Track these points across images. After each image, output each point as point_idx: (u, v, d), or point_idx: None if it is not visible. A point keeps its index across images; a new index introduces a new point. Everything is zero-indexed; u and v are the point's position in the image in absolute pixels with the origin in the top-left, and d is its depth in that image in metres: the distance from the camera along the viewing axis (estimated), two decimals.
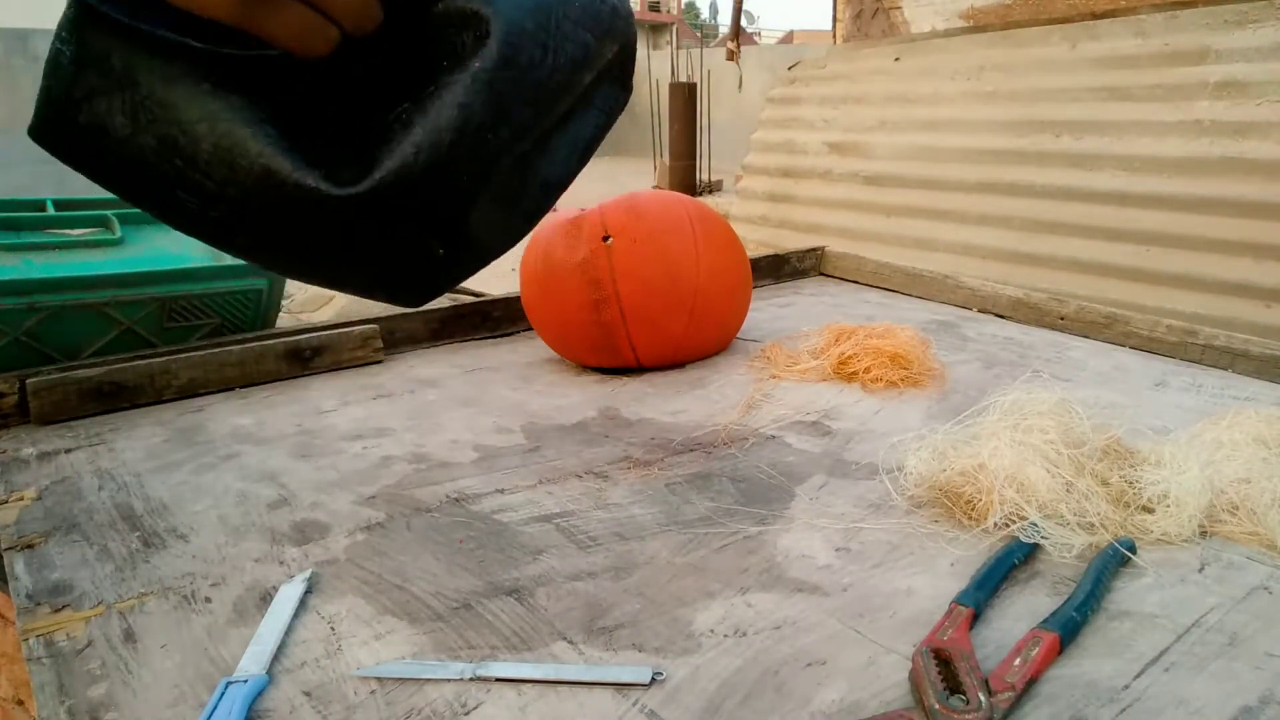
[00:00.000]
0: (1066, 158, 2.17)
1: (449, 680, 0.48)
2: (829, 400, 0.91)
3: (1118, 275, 2.03)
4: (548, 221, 0.99)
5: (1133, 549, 0.60)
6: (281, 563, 0.60)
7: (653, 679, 0.48)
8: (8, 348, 0.88)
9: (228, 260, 1.04)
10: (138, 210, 1.06)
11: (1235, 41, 1.96)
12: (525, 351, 1.08)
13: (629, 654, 0.50)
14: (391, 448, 0.79)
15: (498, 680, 0.48)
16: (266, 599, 0.55)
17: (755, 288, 1.40)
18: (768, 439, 0.81)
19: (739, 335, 1.10)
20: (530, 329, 1.16)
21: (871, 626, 0.53)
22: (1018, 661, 0.48)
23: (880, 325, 1.04)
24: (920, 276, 1.36)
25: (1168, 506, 0.63)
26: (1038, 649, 0.48)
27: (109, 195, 0.49)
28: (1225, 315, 1.80)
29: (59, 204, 1.08)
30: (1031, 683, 0.47)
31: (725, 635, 0.52)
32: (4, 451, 0.77)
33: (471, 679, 0.48)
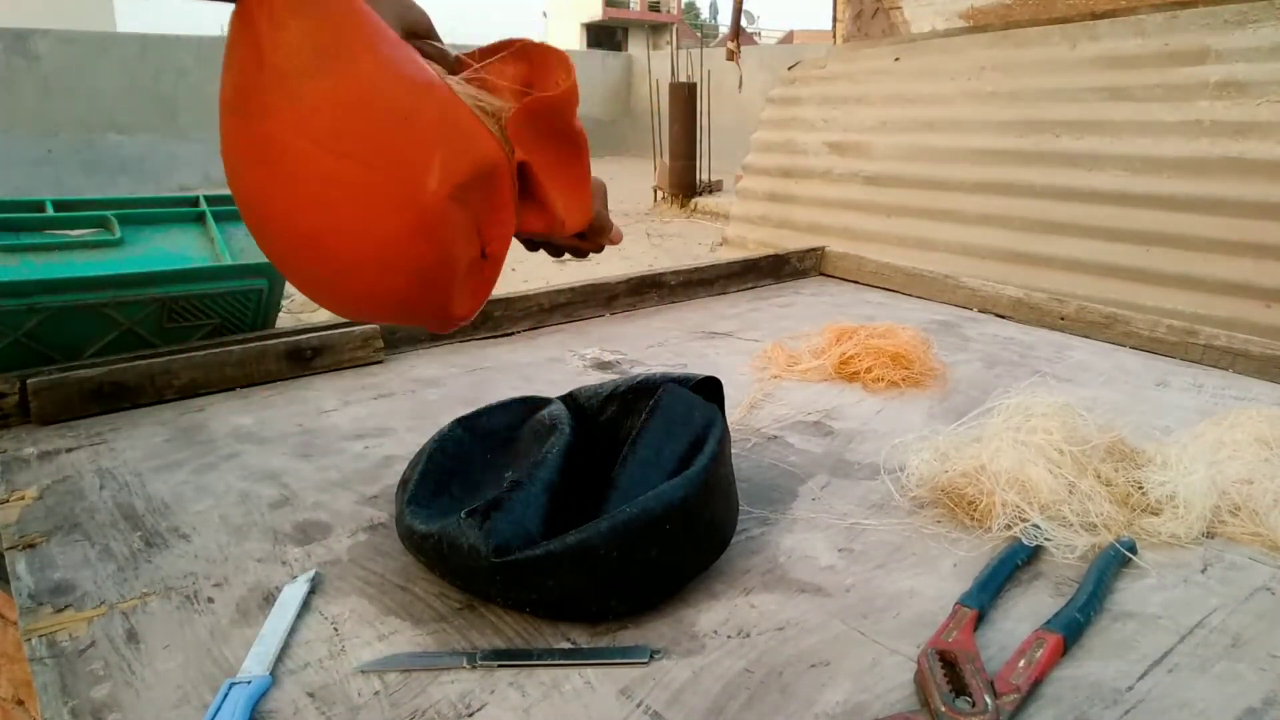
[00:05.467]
0: (1066, 158, 2.17)
1: (451, 680, 0.48)
2: (831, 400, 0.91)
3: (1118, 275, 2.03)
4: None
5: (1133, 549, 0.60)
6: (284, 563, 0.60)
7: (651, 657, 0.49)
8: (8, 348, 0.88)
9: (228, 260, 1.04)
10: (137, 210, 1.07)
11: (1235, 41, 1.96)
12: (526, 351, 1.08)
13: None
14: (393, 447, 0.79)
15: (500, 666, 0.49)
16: (269, 599, 0.55)
17: (755, 288, 1.41)
18: (769, 439, 0.81)
19: (742, 336, 1.10)
20: (534, 328, 1.16)
21: (875, 628, 0.53)
22: (1022, 663, 0.48)
23: (881, 325, 1.04)
24: (920, 276, 1.36)
25: (1175, 508, 0.63)
26: (1042, 650, 0.48)
27: (107, 196, 0.51)
28: (1225, 315, 1.81)
29: (58, 204, 1.08)
30: (1036, 684, 0.47)
31: (729, 636, 0.52)
32: (5, 451, 0.77)
33: (473, 666, 0.49)
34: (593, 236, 0.68)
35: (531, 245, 0.67)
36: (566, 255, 0.69)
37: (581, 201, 0.63)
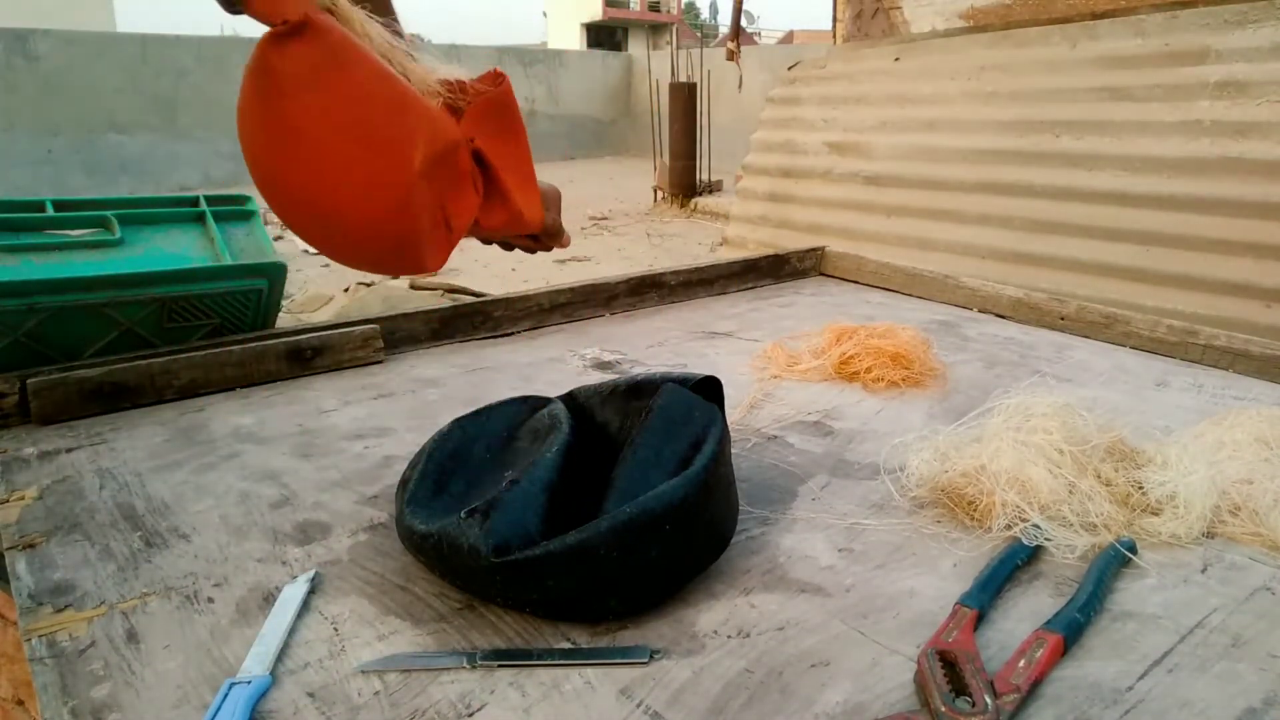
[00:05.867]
0: (1066, 158, 2.17)
1: (451, 680, 0.48)
2: (830, 400, 0.91)
3: (1118, 275, 2.03)
4: None
5: (1133, 549, 0.60)
6: (284, 563, 0.60)
7: (651, 657, 0.49)
8: (8, 348, 0.88)
9: (228, 260, 1.04)
10: (137, 210, 1.07)
11: (1235, 41, 1.95)
12: (525, 351, 1.08)
13: None
14: (393, 447, 0.79)
15: (500, 666, 0.49)
16: (269, 599, 0.55)
17: (755, 288, 1.41)
18: (769, 439, 0.81)
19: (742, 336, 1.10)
20: (534, 328, 1.16)
21: (875, 628, 0.53)
22: (1022, 663, 0.48)
23: (881, 325, 1.04)
24: (920, 276, 1.36)
25: (1175, 508, 0.63)
26: (1042, 650, 0.48)
27: (107, 196, 0.54)
28: (1225, 315, 1.81)
29: (58, 204, 1.08)
30: (1036, 684, 0.47)
31: (729, 636, 0.52)
32: (5, 451, 0.77)
33: (473, 666, 0.49)
34: (545, 238, 0.78)
35: (486, 240, 0.77)
36: (517, 250, 0.82)
37: (533, 197, 0.73)
